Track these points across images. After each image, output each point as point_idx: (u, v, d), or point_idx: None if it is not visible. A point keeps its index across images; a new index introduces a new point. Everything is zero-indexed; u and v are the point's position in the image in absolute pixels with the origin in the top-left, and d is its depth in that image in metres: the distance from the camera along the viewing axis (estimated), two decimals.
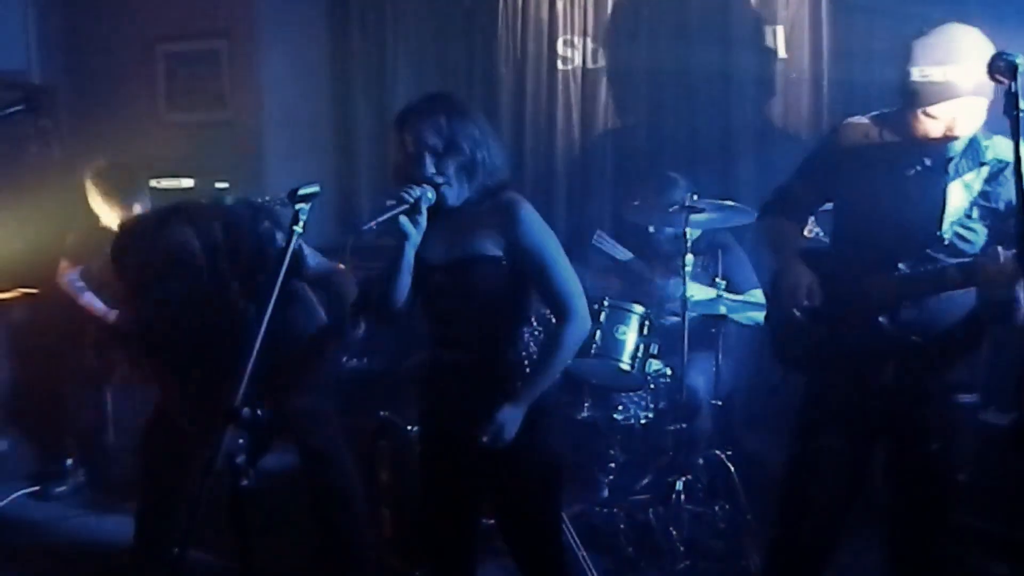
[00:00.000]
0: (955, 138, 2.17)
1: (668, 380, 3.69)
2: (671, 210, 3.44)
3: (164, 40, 5.16)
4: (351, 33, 5.21)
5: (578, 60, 4.69)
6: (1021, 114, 1.67)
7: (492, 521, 2.46)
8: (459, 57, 4.98)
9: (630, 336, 3.44)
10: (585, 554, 3.08)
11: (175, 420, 2.92)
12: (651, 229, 3.89)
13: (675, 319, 3.60)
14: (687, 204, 3.37)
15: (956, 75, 2.08)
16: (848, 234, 2.42)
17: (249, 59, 5.01)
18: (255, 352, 1.78)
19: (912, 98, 2.15)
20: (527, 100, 4.79)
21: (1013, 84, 1.70)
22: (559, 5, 4.68)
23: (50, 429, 4.27)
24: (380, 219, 2.13)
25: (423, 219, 2.16)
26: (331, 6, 5.29)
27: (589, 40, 4.65)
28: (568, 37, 4.69)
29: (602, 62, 4.64)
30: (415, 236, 2.17)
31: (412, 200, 2.13)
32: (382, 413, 3.47)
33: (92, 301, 3.92)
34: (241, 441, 1.77)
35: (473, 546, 2.43)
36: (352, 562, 3.11)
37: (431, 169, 2.16)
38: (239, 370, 1.78)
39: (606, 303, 3.46)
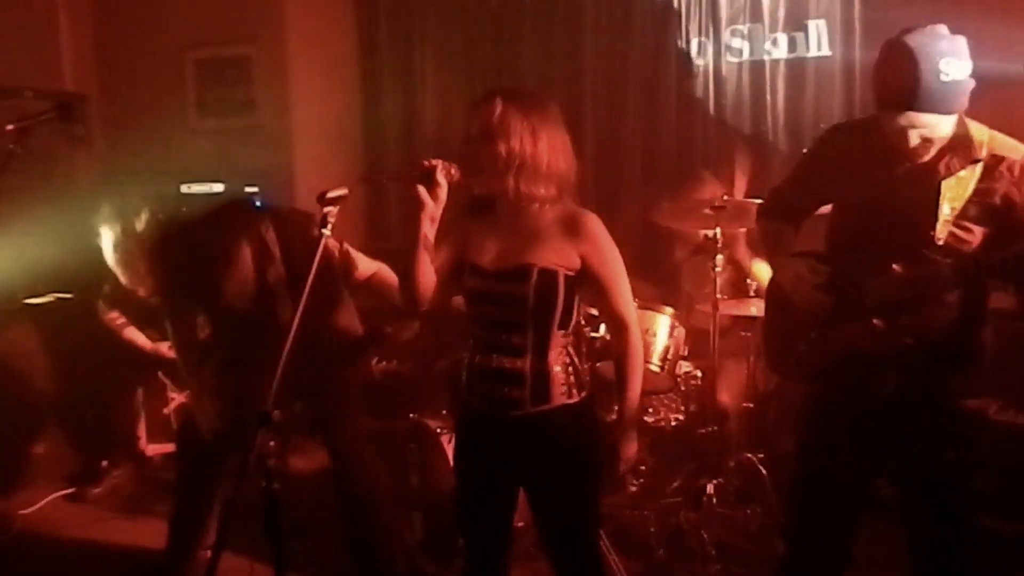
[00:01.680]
0: (943, 138, 2.13)
1: (698, 382, 3.66)
2: (706, 211, 3.42)
3: (194, 47, 5.21)
4: (379, 38, 5.25)
5: (606, 63, 4.68)
6: None
7: (521, 524, 2.46)
8: (487, 60, 4.99)
9: (659, 338, 3.42)
10: (616, 557, 3.06)
11: (199, 425, 2.93)
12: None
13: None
14: (717, 205, 3.35)
15: (928, 91, 2.03)
16: (843, 237, 2.39)
17: (278, 65, 5.05)
18: (285, 354, 1.79)
19: (883, 101, 2.12)
20: (554, 100, 4.76)
21: None
22: (586, 2, 4.67)
23: (86, 432, 4.32)
24: (391, 176, 2.15)
25: (443, 192, 2.15)
26: (359, 11, 5.33)
27: (618, 42, 4.64)
28: (596, 37, 4.67)
29: (632, 64, 4.62)
30: (431, 207, 2.14)
31: (426, 166, 2.13)
32: (412, 416, 3.48)
33: (135, 337, 3.97)
34: (273, 444, 1.78)
35: (508, 548, 2.42)
36: (383, 566, 3.11)
37: (471, 152, 2.15)
38: (271, 373, 1.79)
39: (635, 305, 3.43)
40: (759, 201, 2.73)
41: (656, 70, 4.59)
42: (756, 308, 3.52)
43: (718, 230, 3.41)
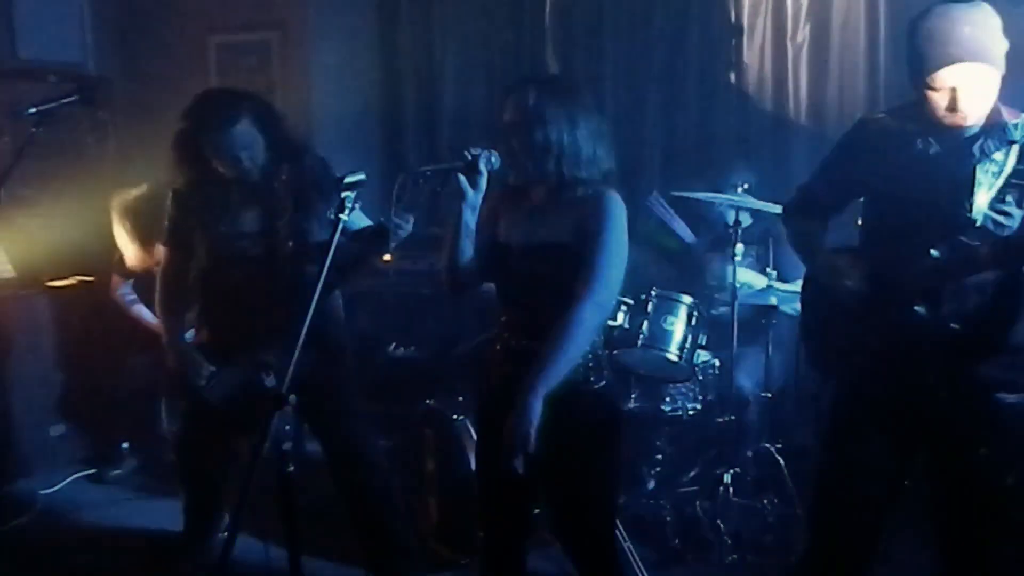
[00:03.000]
0: (978, 118, 2.10)
1: (716, 371, 3.64)
2: (738, 191, 3.39)
3: (217, 32, 5.22)
4: (400, 24, 5.23)
5: (627, 48, 4.63)
6: None
7: (538, 511, 2.45)
8: (508, 47, 4.97)
9: (678, 326, 3.40)
10: (631, 546, 3.06)
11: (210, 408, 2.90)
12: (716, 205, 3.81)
13: (725, 309, 3.55)
14: (740, 192, 3.32)
15: (951, 41, 2.03)
16: (877, 229, 2.35)
17: (300, 51, 5.06)
18: (302, 336, 1.79)
19: (916, 66, 2.10)
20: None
21: None
22: None
23: (106, 414, 4.36)
24: (435, 168, 2.18)
25: (483, 181, 2.19)
26: None
27: (638, 28, 4.60)
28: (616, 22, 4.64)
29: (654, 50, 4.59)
30: (471, 196, 2.20)
31: (470, 158, 2.16)
32: (428, 401, 3.49)
33: (142, 313, 4.00)
34: (288, 428, 1.79)
35: (526, 535, 2.42)
36: (395, 553, 3.11)
37: (506, 140, 2.18)
38: (286, 355, 1.79)
39: (654, 293, 3.42)
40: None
41: (678, 55, 4.55)
42: (775, 298, 3.49)
43: (738, 218, 3.38)
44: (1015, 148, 2.10)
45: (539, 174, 2.17)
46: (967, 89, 2.05)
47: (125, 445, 4.38)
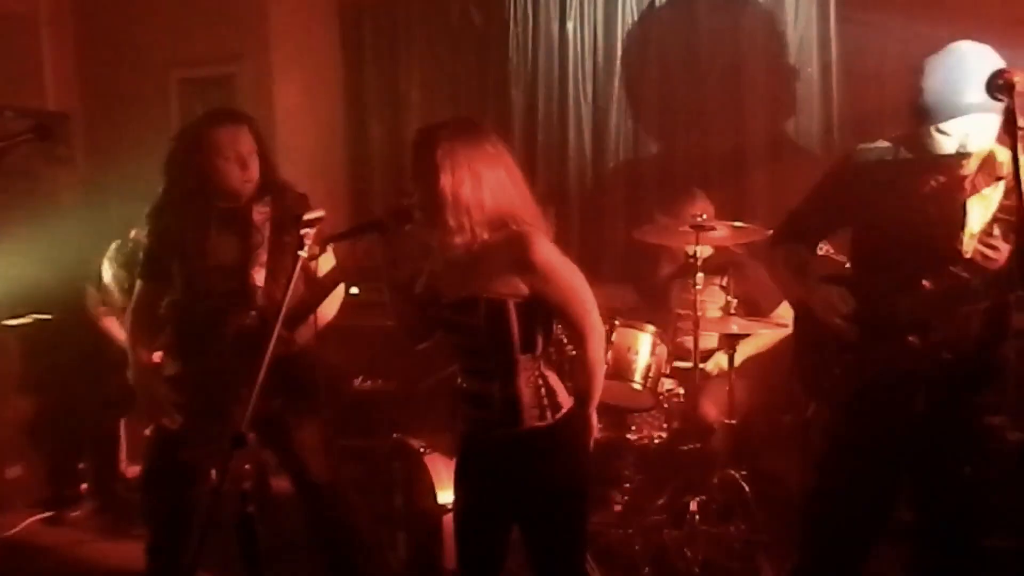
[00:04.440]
0: (969, 154, 2.16)
1: (681, 399, 3.66)
2: (682, 229, 3.44)
3: (178, 65, 5.21)
4: (364, 58, 5.26)
5: (590, 83, 4.72)
6: (1020, 131, 1.66)
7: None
8: (472, 81, 5.01)
9: (642, 355, 3.42)
10: (600, 575, 3.05)
11: (178, 443, 2.87)
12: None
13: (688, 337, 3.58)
14: (697, 223, 3.36)
15: (968, 92, 2.07)
16: (869, 257, 2.40)
17: (262, 84, 5.05)
18: (262, 375, 1.79)
19: (924, 115, 2.16)
20: (539, 122, 4.81)
21: (1011, 101, 1.69)
22: (569, 27, 4.71)
23: (65, 454, 4.28)
24: (350, 232, 2.27)
25: (399, 240, 2.24)
26: (344, 30, 5.33)
27: (600, 62, 4.68)
28: (579, 57, 4.71)
29: (615, 83, 4.66)
30: (388, 250, 2.26)
31: (375, 220, 2.24)
32: (395, 435, 3.47)
33: (112, 327, 3.95)
34: (248, 467, 1.77)
35: (500, 565, 2.41)
36: None
37: (421, 192, 2.15)
38: (246, 394, 1.78)
39: (617, 322, 3.44)
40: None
41: (640, 84, 4.61)
42: (737, 326, 3.52)
43: (699, 248, 3.42)
44: (1002, 183, 2.17)
45: (448, 229, 2.12)
46: (975, 136, 2.12)
47: (84, 486, 4.29)
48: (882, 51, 3.96)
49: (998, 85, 1.75)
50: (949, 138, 2.14)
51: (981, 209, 2.18)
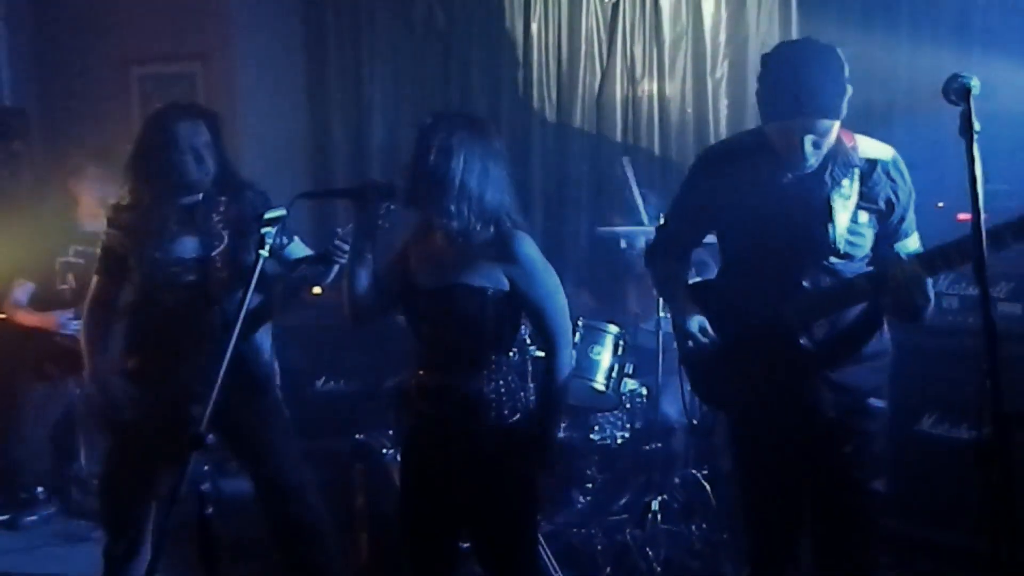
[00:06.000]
0: (822, 150, 2.13)
1: (643, 400, 3.69)
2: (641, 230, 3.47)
3: (139, 63, 5.14)
4: (328, 56, 5.23)
5: (554, 84, 4.74)
6: (976, 135, 1.68)
7: (467, 545, 2.45)
8: (435, 79, 5.01)
9: (605, 356, 3.45)
10: (562, 575, 3.06)
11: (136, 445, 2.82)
12: (623, 244, 3.90)
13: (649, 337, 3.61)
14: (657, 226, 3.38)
15: (812, 91, 2.04)
16: (739, 261, 2.38)
17: (225, 82, 5.01)
18: (221, 375, 1.77)
19: (766, 107, 2.15)
20: (502, 123, 4.81)
21: (967, 106, 1.71)
22: (533, 28, 4.73)
23: (18, 458, 4.19)
24: (328, 192, 2.24)
25: (377, 211, 2.24)
26: (307, 29, 5.30)
27: (564, 63, 4.70)
28: (543, 59, 4.73)
29: (579, 85, 4.69)
30: (364, 222, 2.26)
31: (359, 185, 2.23)
32: (358, 436, 3.45)
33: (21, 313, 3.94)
34: (206, 468, 1.76)
35: (453, 570, 2.42)
36: None
37: (419, 179, 2.17)
38: (205, 392, 1.76)
39: (580, 323, 3.46)
40: None
41: (602, 86, 4.66)
42: None
43: None
44: (856, 171, 2.18)
45: (446, 214, 2.16)
46: (812, 139, 2.09)
47: (40, 489, 4.21)
48: (843, 55, 4.03)
49: (954, 89, 1.76)
50: (784, 137, 2.11)
51: (843, 200, 2.18)
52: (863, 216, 2.20)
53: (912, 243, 2.26)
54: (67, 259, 4.04)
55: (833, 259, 2.21)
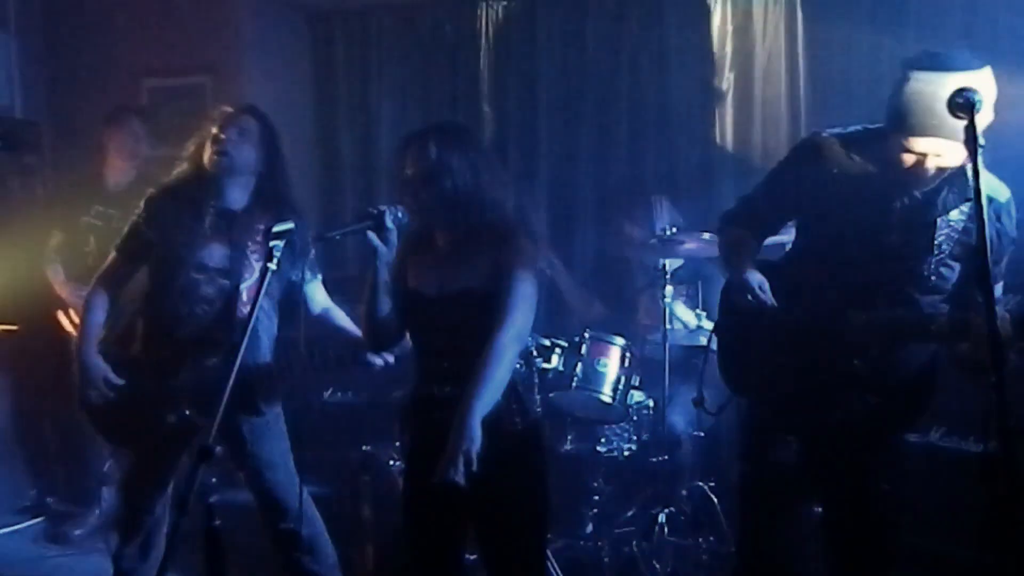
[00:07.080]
0: (943, 171, 2.02)
1: (650, 412, 3.69)
2: (651, 241, 3.47)
3: (148, 75, 5.17)
4: (336, 69, 5.25)
5: (560, 94, 4.74)
6: (980, 149, 1.67)
7: (475, 556, 2.45)
8: (443, 93, 5.02)
9: (611, 368, 3.44)
10: None
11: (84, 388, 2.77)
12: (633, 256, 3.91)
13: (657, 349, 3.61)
14: (666, 237, 3.39)
15: (944, 113, 1.84)
16: (815, 256, 2.26)
17: (234, 94, 5.02)
18: (228, 389, 1.78)
19: (894, 118, 2.00)
20: (510, 136, 4.83)
21: (971, 120, 1.69)
22: (540, 33, 4.74)
23: (28, 467, 4.22)
24: (344, 231, 2.22)
25: (392, 236, 2.22)
26: (316, 42, 5.32)
27: (571, 76, 4.71)
28: (549, 72, 4.74)
29: (585, 97, 4.69)
30: (384, 252, 2.22)
31: (375, 214, 2.19)
32: (365, 448, 3.46)
33: (60, 285, 3.92)
34: (214, 480, 1.77)
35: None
36: None
37: (412, 193, 2.19)
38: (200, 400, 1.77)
39: (587, 335, 3.46)
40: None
41: (608, 98, 4.66)
42: (706, 338, 3.55)
43: (667, 261, 3.45)
44: (969, 205, 2.05)
45: (446, 223, 2.20)
46: (935, 159, 1.99)
47: (50, 499, 4.23)
48: (848, 66, 4.05)
49: (959, 103, 1.71)
50: (925, 153, 1.98)
51: (946, 230, 2.07)
52: (958, 250, 2.09)
53: (995, 292, 2.08)
54: (89, 219, 4.01)
55: (919, 288, 2.09)
